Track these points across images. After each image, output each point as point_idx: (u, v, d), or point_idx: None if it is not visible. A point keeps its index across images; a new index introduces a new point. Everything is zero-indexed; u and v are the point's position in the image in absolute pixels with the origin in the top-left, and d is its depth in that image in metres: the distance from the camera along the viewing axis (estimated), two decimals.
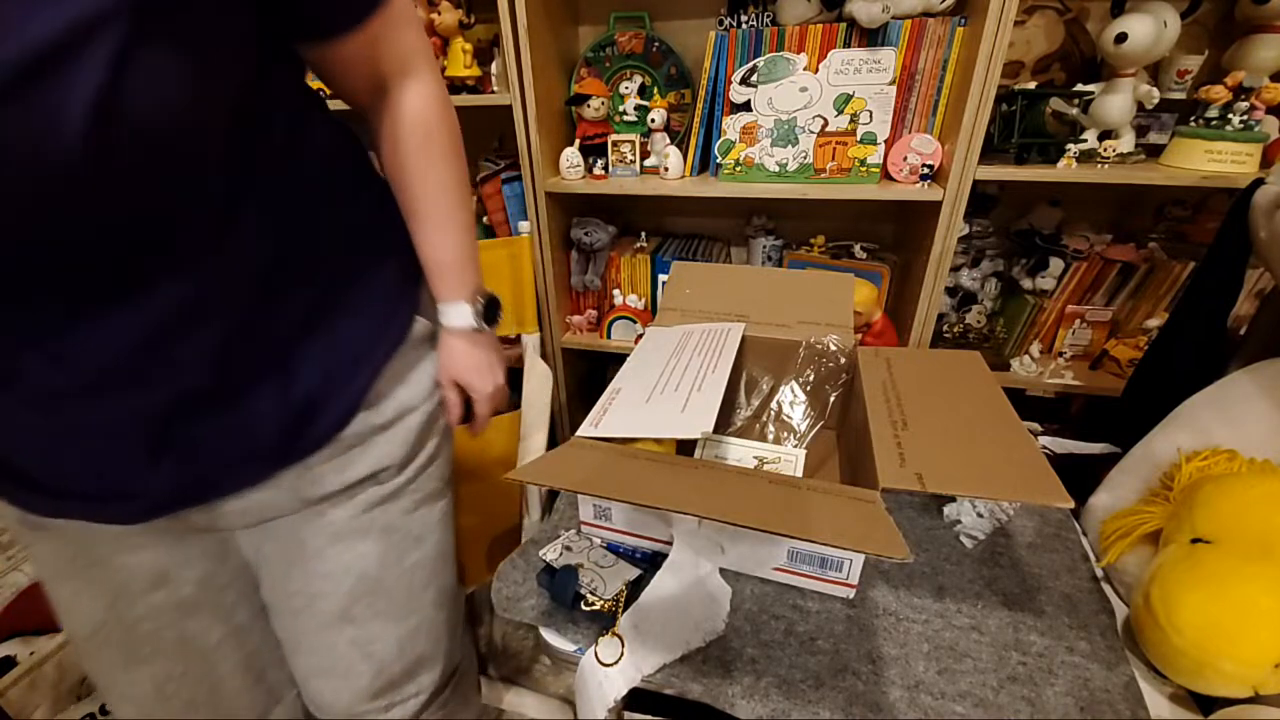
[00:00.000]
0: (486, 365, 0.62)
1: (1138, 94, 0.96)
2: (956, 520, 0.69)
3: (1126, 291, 1.09)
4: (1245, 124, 0.91)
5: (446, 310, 0.59)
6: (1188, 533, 0.54)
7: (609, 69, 1.19)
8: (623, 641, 0.55)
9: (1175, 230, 1.11)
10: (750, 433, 0.76)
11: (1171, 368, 0.80)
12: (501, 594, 0.62)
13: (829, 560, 0.58)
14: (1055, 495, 0.48)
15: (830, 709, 0.50)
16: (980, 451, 0.54)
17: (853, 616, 0.59)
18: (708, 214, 1.37)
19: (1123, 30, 0.90)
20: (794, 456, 0.67)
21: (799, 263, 1.21)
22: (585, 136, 1.16)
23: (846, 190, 1.04)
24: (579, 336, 1.32)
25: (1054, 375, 1.10)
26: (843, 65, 1.00)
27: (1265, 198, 0.66)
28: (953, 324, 1.16)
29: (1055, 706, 0.50)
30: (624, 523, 0.64)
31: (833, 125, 1.03)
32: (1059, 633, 0.56)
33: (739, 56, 1.05)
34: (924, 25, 0.96)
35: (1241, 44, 0.95)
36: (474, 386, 0.61)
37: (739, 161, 1.09)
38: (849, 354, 0.74)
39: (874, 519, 0.47)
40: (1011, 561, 0.65)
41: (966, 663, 0.54)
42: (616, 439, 0.60)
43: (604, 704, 0.53)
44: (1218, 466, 0.58)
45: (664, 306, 0.86)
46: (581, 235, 1.22)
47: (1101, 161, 0.97)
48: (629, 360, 0.74)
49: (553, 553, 0.64)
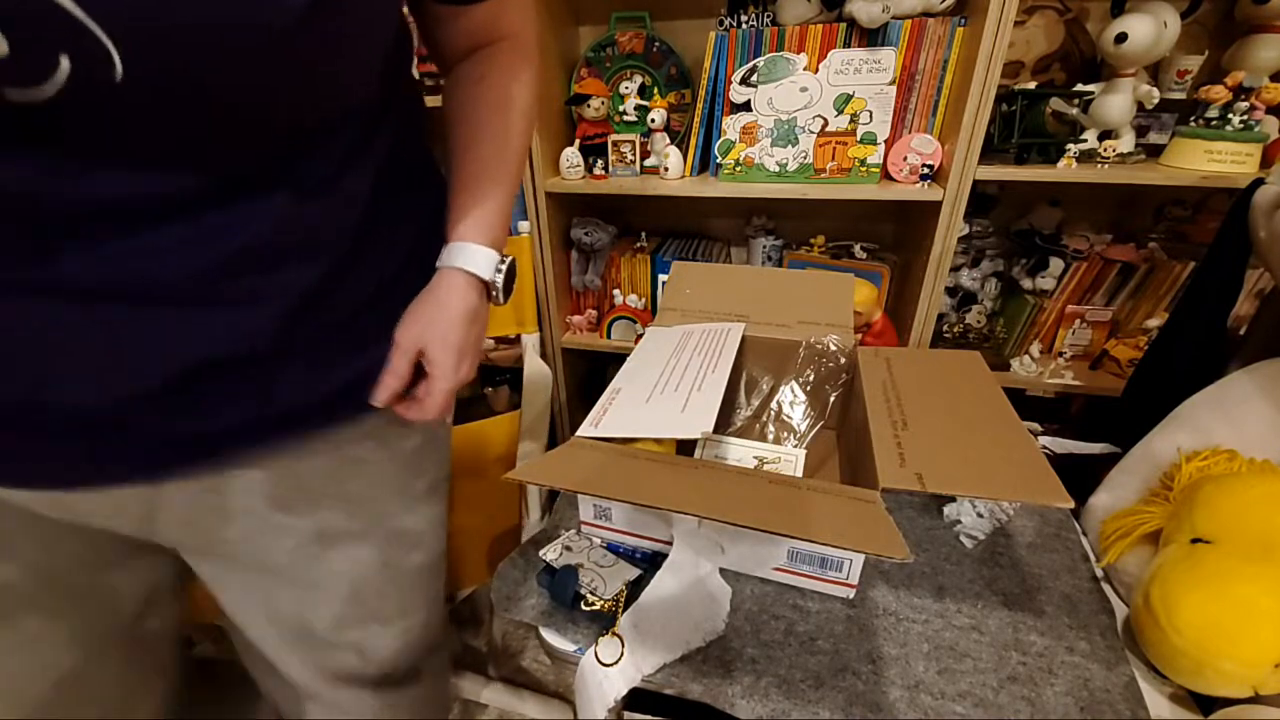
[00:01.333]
0: (470, 345, 0.50)
1: (1138, 94, 0.96)
2: (956, 520, 0.69)
3: (1126, 291, 1.09)
4: (1245, 124, 0.92)
5: (463, 251, 0.49)
6: (1188, 533, 0.54)
7: (609, 69, 1.19)
8: (623, 641, 0.55)
9: (1175, 230, 1.11)
10: (750, 433, 0.76)
11: (1171, 368, 0.80)
12: (501, 594, 0.62)
13: (829, 560, 0.58)
14: (1055, 495, 0.48)
15: (830, 709, 0.50)
16: (980, 451, 0.54)
17: (853, 616, 0.59)
18: (708, 214, 1.37)
19: (1123, 30, 0.90)
20: (794, 456, 0.67)
21: (799, 263, 1.21)
22: (585, 136, 1.16)
23: (846, 190, 1.04)
24: (579, 336, 1.32)
25: (1054, 375, 1.10)
26: (843, 65, 1.00)
27: (1265, 198, 0.66)
28: (953, 324, 1.16)
29: (1055, 706, 0.50)
30: (624, 523, 0.64)
31: (833, 125, 1.03)
32: (1059, 633, 0.56)
33: (739, 56, 1.05)
34: (924, 25, 0.96)
35: (1241, 44, 0.95)
36: (439, 363, 0.47)
37: (739, 161, 1.09)
38: (849, 354, 0.74)
39: (874, 519, 0.47)
40: (1011, 561, 0.65)
41: (966, 663, 0.54)
42: (616, 439, 0.60)
43: (604, 704, 0.53)
44: (1218, 466, 0.58)
45: (664, 306, 0.86)
46: (581, 235, 1.22)
47: (1101, 161, 0.97)
48: (629, 360, 0.74)
49: (553, 553, 0.64)
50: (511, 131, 0.52)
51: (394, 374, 0.47)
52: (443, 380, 0.48)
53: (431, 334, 0.47)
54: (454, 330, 0.48)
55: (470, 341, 0.50)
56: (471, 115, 0.51)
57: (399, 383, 0.47)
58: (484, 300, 0.51)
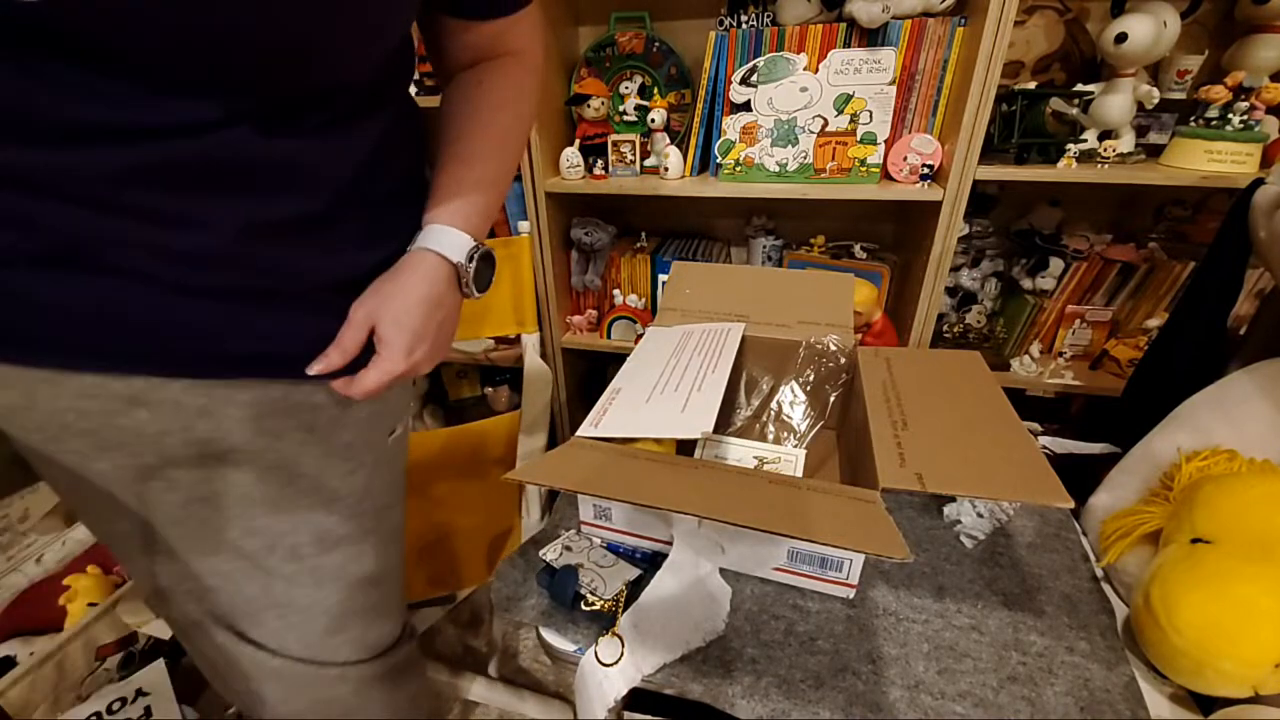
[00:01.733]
0: (429, 332, 0.47)
1: (1138, 94, 0.96)
2: (956, 520, 0.69)
3: (1126, 291, 1.09)
4: (1245, 124, 0.91)
5: (434, 232, 0.47)
6: (1188, 533, 0.54)
7: (609, 69, 1.19)
8: (623, 641, 0.55)
9: (1175, 230, 1.11)
10: (750, 433, 0.76)
11: (1171, 368, 0.80)
12: (501, 594, 0.62)
13: (829, 560, 0.58)
14: (1055, 495, 0.48)
15: (830, 709, 0.50)
16: (980, 451, 0.54)
17: (853, 616, 0.59)
18: (708, 214, 1.37)
19: (1123, 30, 0.90)
20: (794, 456, 0.67)
21: (799, 263, 1.21)
22: (585, 136, 1.16)
23: (846, 190, 1.04)
24: (579, 336, 1.32)
25: (1054, 375, 1.10)
26: (843, 65, 1.00)
27: (1265, 198, 0.66)
28: (953, 324, 1.16)
29: (1055, 706, 0.50)
30: (624, 523, 0.64)
31: (833, 125, 1.03)
32: (1059, 633, 0.56)
33: (739, 56, 1.05)
34: (924, 25, 0.96)
35: (1241, 44, 0.95)
36: (387, 342, 0.45)
37: (739, 161, 1.09)
38: (849, 354, 0.74)
39: (874, 519, 0.47)
40: (1011, 561, 0.65)
41: (966, 663, 0.54)
42: (616, 439, 0.60)
43: (604, 704, 0.53)
44: (1218, 466, 0.58)
45: (664, 306, 0.86)
46: (581, 235, 1.22)
47: (1101, 161, 0.97)
48: (629, 360, 0.74)
49: (553, 553, 0.64)
50: (506, 132, 0.52)
51: (337, 346, 0.44)
52: (387, 361, 0.45)
53: (385, 311, 0.44)
54: (411, 312, 0.45)
55: (429, 327, 0.46)
56: (466, 109, 0.50)
57: (340, 357, 0.44)
58: (453, 288, 0.48)
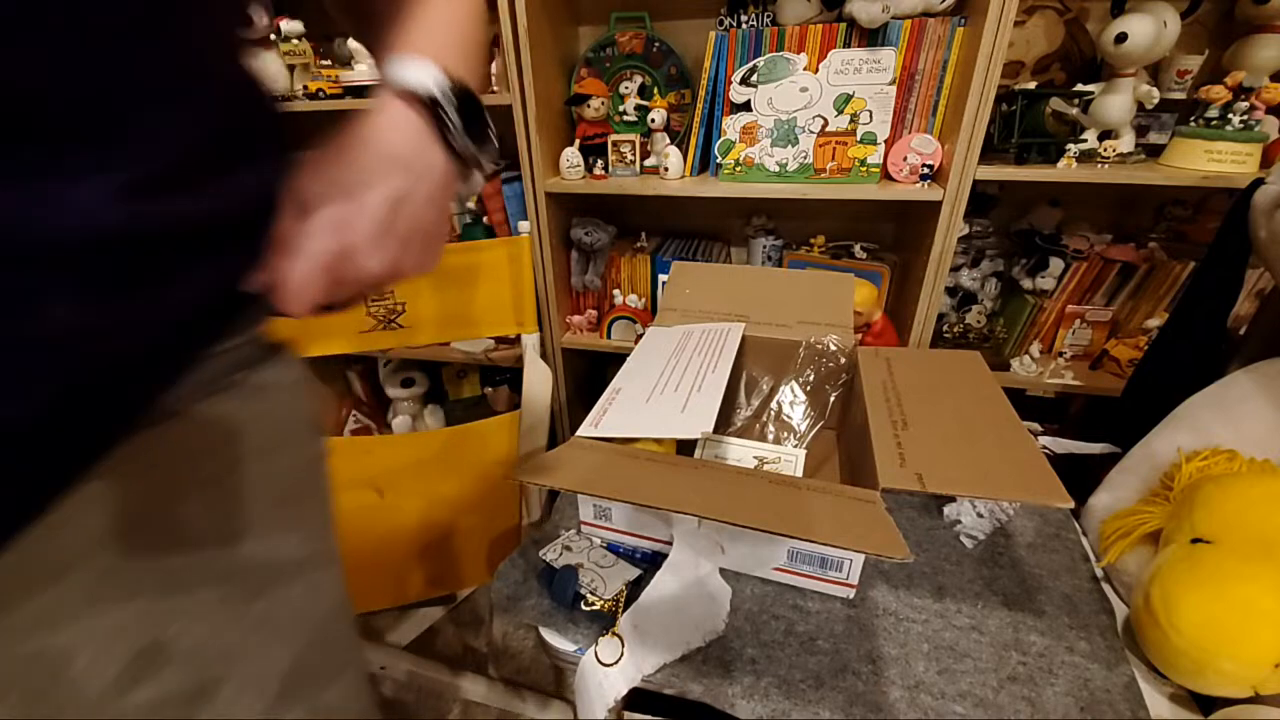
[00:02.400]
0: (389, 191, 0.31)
1: (1138, 94, 0.96)
2: (956, 520, 0.69)
3: (1126, 291, 1.09)
4: (1245, 124, 0.91)
5: (394, 64, 0.33)
6: (1188, 533, 0.54)
7: (609, 69, 1.19)
8: (623, 641, 0.55)
9: (1175, 230, 1.11)
10: (750, 433, 0.76)
11: (1171, 368, 0.80)
12: (501, 594, 0.62)
13: (829, 560, 0.58)
14: (1055, 495, 0.48)
15: (830, 709, 0.50)
16: (980, 451, 0.54)
17: (853, 616, 0.58)
18: (708, 214, 1.37)
19: (1123, 30, 0.90)
20: (794, 456, 0.67)
21: (799, 263, 1.21)
22: (585, 136, 1.16)
23: (846, 190, 1.04)
24: (579, 336, 1.32)
25: (1054, 375, 1.10)
26: (843, 65, 1.00)
27: (1265, 198, 0.66)
28: (953, 324, 1.16)
29: (1055, 706, 0.50)
30: (624, 523, 0.64)
31: (833, 125, 1.03)
32: (1059, 633, 0.56)
33: (739, 56, 1.05)
34: (924, 25, 0.96)
35: (1241, 44, 0.95)
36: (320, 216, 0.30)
37: (739, 161, 1.09)
38: (849, 354, 0.74)
39: (874, 519, 0.47)
40: (1011, 561, 0.65)
41: (966, 663, 0.54)
42: (616, 439, 0.60)
43: (604, 704, 0.53)
44: (1218, 466, 0.58)
45: (664, 306, 0.87)
46: (581, 235, 1.22)
47: (1101, 161, 0.97)
48: (629, 360, 0.74)
49: (553, 553, 0.64)
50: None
51: (282, 234, 0.30)
52: (316, 238, 0.29)
53: (325, 175, 0.30)
54: (356, 167, 0.31)
55: (390, 191, 0.31)
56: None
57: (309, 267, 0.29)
58: (429, 138, 0.33)
